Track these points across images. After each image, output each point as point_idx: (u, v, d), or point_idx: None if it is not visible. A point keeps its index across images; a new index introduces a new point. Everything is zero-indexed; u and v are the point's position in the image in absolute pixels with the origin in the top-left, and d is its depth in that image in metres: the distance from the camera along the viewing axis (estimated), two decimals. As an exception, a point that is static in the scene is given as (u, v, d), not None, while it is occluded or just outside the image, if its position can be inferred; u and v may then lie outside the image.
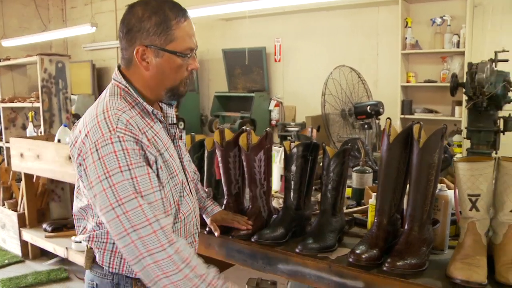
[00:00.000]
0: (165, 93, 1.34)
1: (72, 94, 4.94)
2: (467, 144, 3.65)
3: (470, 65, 3.46)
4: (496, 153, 3.51)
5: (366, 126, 3.35)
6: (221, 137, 1.89)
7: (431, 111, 4.86)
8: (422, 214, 1.47)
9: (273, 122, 5.85)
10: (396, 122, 4.77)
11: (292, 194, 1.74)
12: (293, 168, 1.72)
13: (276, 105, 5.89)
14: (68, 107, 4.81)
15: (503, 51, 3.46)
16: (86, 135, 1.20)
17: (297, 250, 1.58)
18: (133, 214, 1.15)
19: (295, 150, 1.72)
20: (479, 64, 3.33)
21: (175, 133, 1.41)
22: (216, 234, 1.74)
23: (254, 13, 5.39)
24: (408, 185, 1.53)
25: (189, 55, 1.30)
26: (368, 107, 3.27)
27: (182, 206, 1.36)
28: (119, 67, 1.34)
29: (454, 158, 1.47)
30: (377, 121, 3.40)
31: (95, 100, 1.35)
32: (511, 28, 4.40)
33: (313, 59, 5.59)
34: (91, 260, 1.37)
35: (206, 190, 1.84)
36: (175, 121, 1.43)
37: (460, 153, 4.15)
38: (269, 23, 5.85)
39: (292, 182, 1.73)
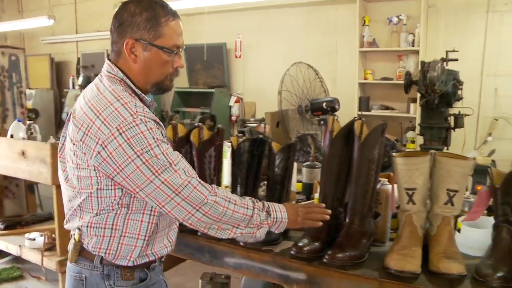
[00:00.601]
0: (151, 87, 1.40)
1: (29, 89, 4.81)
2: (420, 140, 3.76)
3: (423, 63, 3.57)
4: (447, 149, 3.63)
5: (322, 122, 3.40)
6: (174, 132, 1.90)
7: (387, 108, 4.98)
8: (362, 208, 1.52)
9: (233, 118, 5.86)
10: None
11: (239, 188, 1.76)
12: (240, 163, 1.74)
13: (236, 101, 5.91)
14: (23, 101, 4.68)
15: (454, 50, 3.57)
16: (102, 122, 1.24)
17: (241, 243, 1.61)
18: (172, 180, 1.24)
19: (242, 145, 1.74)
20: (431, 63, 3.44)
21: None
22: None
23: (214, 9, 5.39)
24: (350, 180, 1.58)
25: (175, 52, 1.37)
26: (324, 104, 3.32)
27: None
28: (110, 60, 1.39)
29: (393, 153, 1.52)
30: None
31: (53, 95, 1.37)
32: (463, 29, 4.56)
33: (273, 56, 5.63)
34: (78, 253, 1.39)
35: None
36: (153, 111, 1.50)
37: (414, 149, 4.26)
38: (230, 19, 5.85)
39: (239, 177, 1.75)
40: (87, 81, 6.18)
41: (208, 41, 5.73)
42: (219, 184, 1.89)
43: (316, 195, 1.79)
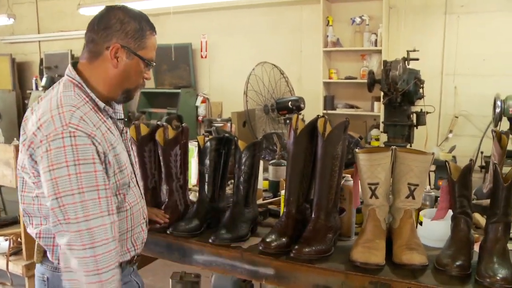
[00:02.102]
0: (121, 93, 1.43)
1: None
2: (384, 137, 3.85)
3: (385, 63, 3.65)
4: (410, 146, 3.74)
5: (288, 121, 3.44)
6: (136, 132, 1.90)
7: (352, 107, 5.08)
8: (327, 203, 1.56)
9: (200, 118, 5.86)
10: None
11: (206, 187, 1.78)
12: (207, 161, 1.76)
13: (202, 101, 5.91)
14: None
15: (414, 50, 3.67)
16: (38, 128, 1.25)
17: (210, 241, 1.62)
18: (69, 209, 1.22)
19: (208, 144, 1.76)
20: (393, 62, 3.53)
21: (123, 127, 1.50)
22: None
23: (180, 9, 5.37)
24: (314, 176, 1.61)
25: (150, 65, 1.43)
26: (290, 103, 3.37)
27: (128, 197, 1.43)
28: (74, 64, 1.40)
29: (356, 150, 1.56)
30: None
31: (16, 96, 1.36)
32: (423, 29, 4.70)
33: (238, 56, 5.65)
34: (42, 254, 1.41)
35: None
36: (122, 117, 1.52)
37: (378, 146, 4.36)
38: (195, 19, 5.84)
39: (206, 175, 1.77)
40: (51, 82, 6.06)
41: (174, 42, 5.70)
42: (186, 182, 1.90)
43: (283, 192, 1.82)
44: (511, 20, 4.30)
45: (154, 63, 1.46)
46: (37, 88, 6.91)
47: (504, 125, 3.71)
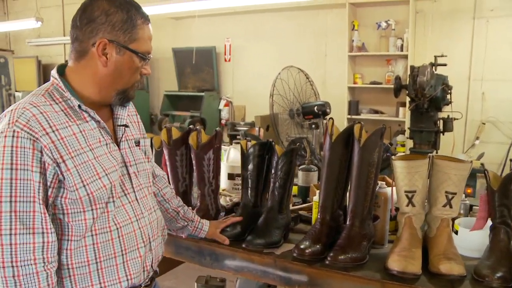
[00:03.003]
0: (115, 95, 1.27)
1: (17, 91, 4.77)
2: (410, 143, 3.81)
3: (412, 68, 3.62)
4: (436, 152, 3.69)
5: (313, 125, 3.43)
6: (168, 135, 1.91)
7: (376, 112, 5.03)
8: (363, 210, 1.54)
9: (223, 122, 5.88)
10: (343, 122, 4.91)
11: (249, 192, 1.77)
12: (251, 167, 1.76)
13: (226, 105, 5.93)
14: (12, 104, 4.65)
15: (442, 55, 3.63)
16: None
17: (243, 246, 1.62)
18: None
19: (252, 149, 1.75)
20: (420, 67, 3.50)
21: (122, 135, 1.33)
22: (226, 243, 1.67)
23: (204, 12, 5.39)
24: (349, 183, 1.60)
25: (147, 58, 1.28)
26: (315, 107, 3.36)
27: (118, 215, 1.26)
28: (61, 66, 1.28)
29: (392, 156, 1.54)
30: (324, 121, 3.49)
31: None
32: (450, 34, 4.63)
33: (262, 60, 5.66)
34: None
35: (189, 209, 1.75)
36: (124, 123, 1.35)
37: (404, 152, 4.32)
38: (220, 23, 5.86)
39: (250, 181, 1.76)
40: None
41: (198, 45, 5.73)
42: (217, 187, 1.90)
43: (315, 198, 1.81)
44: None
45: (151, 55, 1.29)
46: (62, 90, 7.00)
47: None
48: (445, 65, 3.66)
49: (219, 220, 1.79)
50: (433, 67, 3.61)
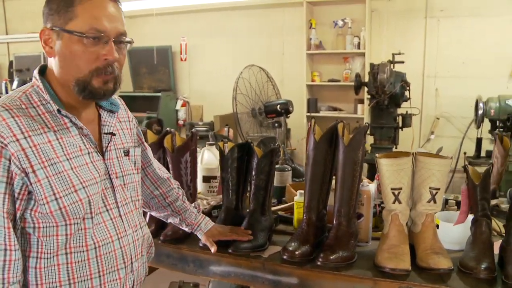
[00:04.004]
0: (74, 86, 1.11)
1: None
2: (370, 140, 3.89)
3: (372, 65, 3.69)
4: (396, 148, 3.79)
5: (276, 124, 3.43)
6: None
7: (335, 109, 5.11)
8: (349, 209, 1.54)
9: (180, 122, 5.80)
10: (303, 120, 4.95)
11: (231, 195, 1.72)
12: (231, 169, 1.71)
13: (183, 105, 5.85)
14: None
15: (400, 53, 3.72)
16: None
17: (229, 251, 1.58)
18: None
19: (232, 151, 1.70)
20: (380, 65, 3.57)
21: (108, 144, 1.23)
22: (212, 250, 1.56)
23: (160, 11, 5.29)
24: (334, 182, 1.60)
25: (93, 38, 1.08)
26: (278, 106, 3.36)
27: (97, 232, 1.15)
28: (43, 67, 1.19)
29: (376, 155, 1.55)
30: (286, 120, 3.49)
31: None
32: (404, 32, 4.77)
33: (219, 59, 5.62)
34: None
35: (195, 205, 1.70)
36: (111, 130, 1.24)
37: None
38: (175, 21, 5.76)
39: (231, 183, 1.71)
40: (23, 85, 5.85)
41: (153, 44, 5.61)
42: (195, 190, 1.86)
43: (296, 198, 1.80)
44: (489, 25, 4.42)
45: (107, 34, 1.10)
46: (7, 92, 6.67)
47: (486, 126, 3.82)
48: (402, 62, 3.76)
49: (225, 226, 1.67)
50: (392, 65, 3.70)
